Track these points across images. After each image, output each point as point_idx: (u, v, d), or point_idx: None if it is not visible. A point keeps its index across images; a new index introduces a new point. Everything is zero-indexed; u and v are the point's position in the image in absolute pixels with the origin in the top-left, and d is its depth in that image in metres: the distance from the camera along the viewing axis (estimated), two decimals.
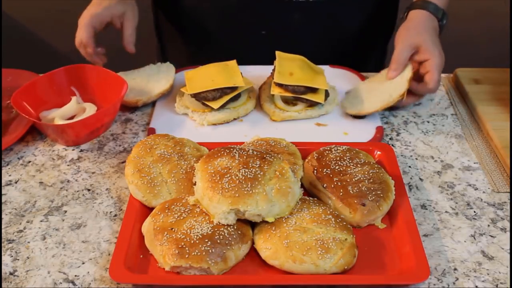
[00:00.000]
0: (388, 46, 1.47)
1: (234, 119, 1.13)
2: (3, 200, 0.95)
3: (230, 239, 0.81)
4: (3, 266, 0.84)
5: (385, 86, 1.13)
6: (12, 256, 0.85)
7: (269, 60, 1.17)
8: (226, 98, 1.10)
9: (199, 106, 1.12)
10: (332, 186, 0.90)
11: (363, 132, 1.09)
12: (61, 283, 0.81)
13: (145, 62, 1.53)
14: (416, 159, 1.04)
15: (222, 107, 1.10)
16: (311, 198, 0.89)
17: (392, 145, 1.08)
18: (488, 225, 0.90)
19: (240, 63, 1.16)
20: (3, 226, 0.90)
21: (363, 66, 1.26)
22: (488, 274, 0.82)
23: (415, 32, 1.11)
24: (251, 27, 1.28)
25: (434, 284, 0.81)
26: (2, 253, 0.86)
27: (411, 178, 1.00)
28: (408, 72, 1.11)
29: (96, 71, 1.15)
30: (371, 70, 1.27)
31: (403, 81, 1.11)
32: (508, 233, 0.89)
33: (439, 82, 1.10)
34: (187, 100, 1.13)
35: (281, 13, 1.24)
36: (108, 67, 1.15)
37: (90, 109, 1.10)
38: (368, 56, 1.41)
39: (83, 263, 0.84)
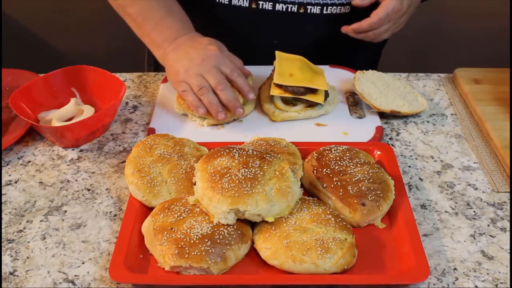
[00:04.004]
0: (382, 50, 1.48)
1: (234, 119, 1.13)
2: (3, 200, 0.95)
3: (230, 239, 0.81)
4: (3, 266, 0.84)
5: (401, 91, 1.17)
6: (12, 256, 0.85)
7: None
8: None
9: None
10: (332, 186, 0.90)
11: (363, 132, 1.09)
12: (61, 283, 0.81)
13: (143, 63, 1.54)
14: (416, 159, 1.04)
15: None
16: (311, 198, 0.89)
17: (392, 145, 1.08)
18: (488, 225, 0.90)
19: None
20: (3, 226, 0.90)
21: (356, 67, 1.27)
22: (488, 274, 0.82)
23: None
24: (264, 36, 1.29)
25: (434, 284, 0.81)
26: (2, 253, 0.86)
27: (411, 178, 1.00)
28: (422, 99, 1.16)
29: (95, 73, 1.15)
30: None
31: (420, 100, 1.15)
32: (508, 233, 0.89)
33: (381, 20, 1.13)
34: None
35: (294, 24, 1.26)
36: (106, 68, 1.15)
37: (88, 111, 1.10)
38: (362, 59, 1.42)
39: (83, 263, 0.84)
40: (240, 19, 1.27)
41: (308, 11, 1.25)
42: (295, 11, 1.25)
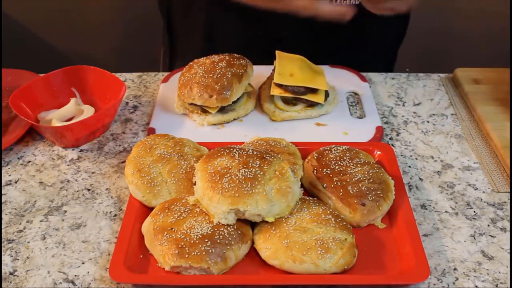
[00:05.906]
0: (398, 51, 1.47)
1: (234, 119, 1.13)
2: (3, 200, 0.95)
3: (230, 239, 0.81)
4: (3, 266, 0.84)
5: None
6: (12, 256, 0.85)
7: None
8: None
9: (198, 107, 1.12)
10: (332, 186, 0.90)
11: (363, 132, 1.09)
12: (61, 283, 0.81)
13: (146, 63, 1.54)
14: (416, 159, 1.04)
15: (222, 107, 1.10)
16: (311, 198, 0.89)
17: (392, 145, 1.08)
18: (488, 225, 0.90)
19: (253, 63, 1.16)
20: (3, 226, 0.90)
21: (373, 68, 1.26)
22: (488, 274, 0.82)
23: None
24: (273, 28, 1.28)
25: (434, 284, 0.81)
26: (2, 253, 0.86)
27: (411, 178, 1.00)
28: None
29: (95, 73, 1.15)
30: (379, 72, 1.27)
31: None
32: (508, 233, 0.89)
33: None
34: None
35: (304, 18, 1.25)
36: (106, 68, 1.15)
37: (88, 111, 1.10)
38: (378, 60, 1.41)
39: (83, 263, 0.84)
40: (248, 11, 1.26)
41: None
42: None
